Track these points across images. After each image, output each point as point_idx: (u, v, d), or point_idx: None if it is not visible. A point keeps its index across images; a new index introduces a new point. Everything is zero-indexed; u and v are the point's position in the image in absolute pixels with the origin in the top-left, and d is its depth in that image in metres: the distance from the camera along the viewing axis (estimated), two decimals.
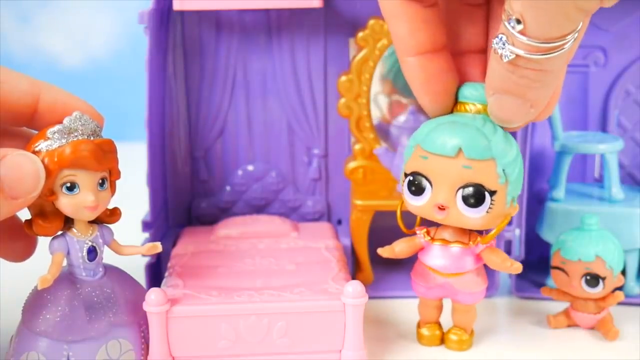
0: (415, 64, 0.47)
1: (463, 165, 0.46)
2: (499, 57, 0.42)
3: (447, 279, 0.51)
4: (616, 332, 0.55)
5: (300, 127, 0.68)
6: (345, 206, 0.68)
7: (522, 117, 0.45)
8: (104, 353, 0.47)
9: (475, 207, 0.47)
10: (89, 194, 0.46)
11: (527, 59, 0.41)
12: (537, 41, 0.39)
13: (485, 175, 0.46)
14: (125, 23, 1.21)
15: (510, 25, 0.39)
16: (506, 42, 0.40)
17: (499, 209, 0.47)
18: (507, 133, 0.48)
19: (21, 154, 0.44)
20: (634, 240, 0.60)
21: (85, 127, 0.46)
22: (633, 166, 0.66)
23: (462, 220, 0.48)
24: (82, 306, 0.47)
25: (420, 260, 0.52)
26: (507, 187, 0.47)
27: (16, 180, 0.43)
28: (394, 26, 0.46)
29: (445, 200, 0.48)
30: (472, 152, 0.46)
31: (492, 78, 0.44)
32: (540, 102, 0.44)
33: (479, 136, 0.46)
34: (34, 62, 1.22)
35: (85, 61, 1.23)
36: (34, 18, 1.22)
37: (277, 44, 0.66)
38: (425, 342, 0.55)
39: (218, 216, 0.68)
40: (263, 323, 0.49)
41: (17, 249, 0.52)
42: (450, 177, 0.47)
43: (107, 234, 0.49)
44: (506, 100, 0.44)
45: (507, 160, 0.46)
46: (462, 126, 0.47)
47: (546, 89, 0.43)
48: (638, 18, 0.63)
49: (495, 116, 0.46)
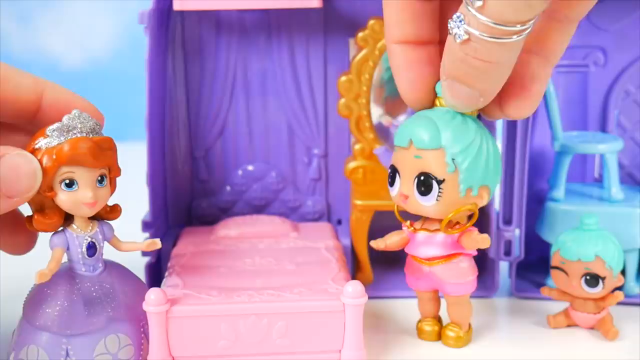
0: (397, 50, 0.48)
1: (414, 155, 0.49)
2: (452, 40, 0.43)
3: (430, 268, 0.52)
4: (616, 332, 0.55)
5: (300, 127, 0.68)
6: (345, 206, 0.68)
7: (471, 104, 0.46)
8: (102, 347, 0.48)
9: (425, 195, 0.49)
10: (87, 190, 0.46)
11: (477, 44, 0.41)
12: (493, 22, 0.40)
13: (434, 164, 0.48)
14: (125, 23, 1.21)
15: (470, 1, 0.41)
16: (462, 21, 0.42)
17: (449, 197, 0.48)
18: (467, 122, 0.48)
19: (19, 153, 0.45)
20: (634, 240, 0.60)
21: (84, 124, 0.46)
22: (633, 166, 0.66)
23: (419, 208, 0.50)
24: (81, 301, 0.47)
25: (407, 252, 0.54)
26: (458, 176, 0.48)
27: (13, 179, 0.44)
28: (385, 12, 0.48)
29: (406, 190, 0.50)
30: (419, 143, 0.48)
31: (445, 63, 0.45)
32: (489, 93, 0.45)
33: (429, 126, 0.48)
34: (34, 62, 1.22)
35: (85, 61, 1.23)
36: (34, 18, 1.22)
37: (277, 44, 0.66)
38: (425, 337, 0.55)
39: (218, 216, 0.68)
40: (263, 323, 0.49)
41: (18, 243, 0.53)
42: (408, 167, 0.49)
43: (108, 230, 0.49)
44: (457, 87, 0.45)
45: (457, 149, 0.47)
46: (418, 118, 0.49)
47: (495, 81, 0.44)
48: (638, 18, 0.63)
49: (447, 100, 0.47)
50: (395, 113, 0.66)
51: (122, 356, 0.48)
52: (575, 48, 0.64)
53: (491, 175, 0.49)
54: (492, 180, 0.49)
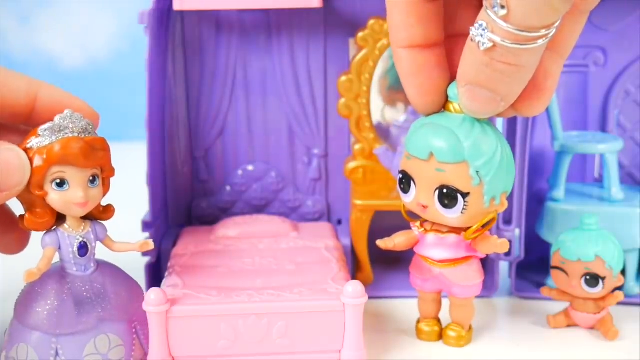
0: (405, 55, 0.47)
1: (436, 169, 0.47)
2: (474, 47, 0.42)
3: (441, 270, 0.52)
4: (616, 332, 0.55)
5: (300, 127, 0.68)
6: (345, 206, 0.68)
7: (492, 109, 0.45)
8: (92, 347, 0.48)
9: (450, 208, 0.48)
10: (78, 190, 0.46)
11: (503, 50, 0.41)
12: (518, 29, 0.40)
13: (458, 178, 0.47)
14: (125, 23, 1.21)
15: (494, 10, 0.40)
16: (485, 29, 0.41)
17: (474, 209, 0.48)
18: (486, 131, 0.47)
19: (8, 148, 0.45)
20: (634, 240, 0.60)
21: (76, 124, 0.46)
22: (633, 166, 0.66)
23: (441, 218, 0.49)
24: (72, 300, 0.47)
25: (416, 252, 0.53)
26: (482, 188, 0.47)
27: (2, 174, 0.44)
28: (390, 15, 0.47)
29: (425, 200, 0.49)
30: (442, 156, 0.47)
31: (465, 69, 0.44)
32: (512, 97, 0.44)
33: (451, 139, 0.47)
34: (33, 62, 1.22)
35: (85, 61, 1.23)
36: (34, 18, 1.22)
37: (277, 43, 0.66)
38: (424, 338, 0.55)
39: (218, 216, 0.68)
40: (263, 323, 0.49)
41: (10, 242, 0.53)
42: (427, 178, 0.48)
43: (100, 230, 0.49)
44: (478, 92, 0.44)
45: (482, 161, 0.47)
46: (437, 129, 0.47)
47: (518, 84, 0.44)
48: (638, 18, 0.63)
49: (465, 107, 0.46)
50: (395, 104, 0.65)
51: (112, 356, 0.48)
52: (575, 48, 0.63)
53: (510, 179, 0.49)
54: (510, 184, 0.49)
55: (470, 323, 0.55)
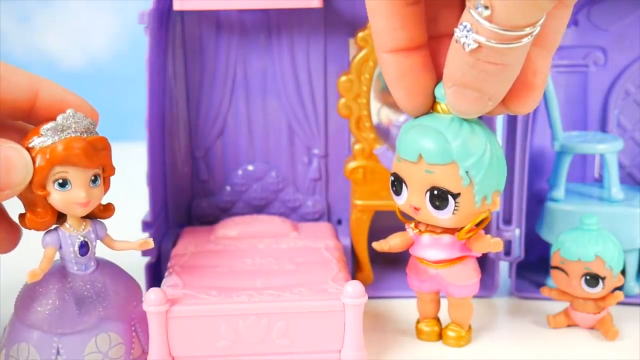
0: (390, 60, 0.47)
1: (425, 170, 0.47)
2: (459, 48, 0.42)
3: (437, 271, 0.52)
4: (616, 332, 0.55)
5: (300, 127, 0.68)
6: (345, 206, 0.68)
7: (480, 109, 0.45)
8: (93, 346, 0.48)
9: (441, 210, 0.48)
10: (80, 190, 0.46)
11: (488, 50, 0.41)
12: (502, 29, 0.40)
13: (448, 179, 0.47)
14: (125, 23, 1.21)
15: (478, 11, 0.40)
16: (470, 30, 0.41)
17: (466, 209, 0.48)
18: (475, 131, 0.47)
19: (11, 146, 0.45)
20: (634, 240, 0.60)
21: (78, 124, 0.46)
22: (633, 166, 0.66)
23: (433, 220, 0.49)
24: (73, 299, 0.47)
25: (412, 254, 0.53)
26: (473, 188, 0.47)
27: (5, 172, 0.44)
28: (372, 21, 0.46)
29: (417, 202, 0.49)
30: (431, 158, 0.47)
31: (451, 71, 0.44)
32: (499, 95, 0.44)
33: (439, 140, 0.47)
34: (34, 62, 1.22)
35: (85, 61, 1.23)
36: (34, 18, 1.22)
37: (277, 43, 0.66)
38: (424, 338, 0.55)
39: (218, 216, 0.68)
40: (263, 323, 0.49)
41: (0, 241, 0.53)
42: (417, 180, 0.48)
43: (101, 229, 0.50)
44: (465, 92, 0.44)
45: (471, 162, 0.47)
46: (425, 130, 0.47)
47: (505, 82, 0.44)
48: (638, 18, 0.62)
49: (453, 107, 0.46)
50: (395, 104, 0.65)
51: (112, 355, 0.48)
52: (575, 48, 0.64)
53: (501, 178, 0.49)
54: (502, 183, 0.49)
55: (469, 322, 0.55)
